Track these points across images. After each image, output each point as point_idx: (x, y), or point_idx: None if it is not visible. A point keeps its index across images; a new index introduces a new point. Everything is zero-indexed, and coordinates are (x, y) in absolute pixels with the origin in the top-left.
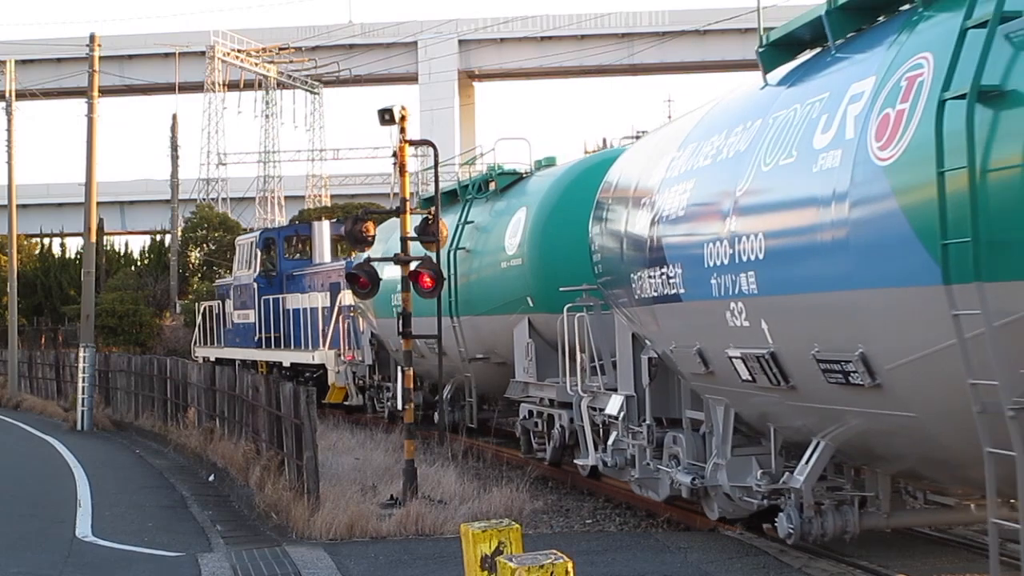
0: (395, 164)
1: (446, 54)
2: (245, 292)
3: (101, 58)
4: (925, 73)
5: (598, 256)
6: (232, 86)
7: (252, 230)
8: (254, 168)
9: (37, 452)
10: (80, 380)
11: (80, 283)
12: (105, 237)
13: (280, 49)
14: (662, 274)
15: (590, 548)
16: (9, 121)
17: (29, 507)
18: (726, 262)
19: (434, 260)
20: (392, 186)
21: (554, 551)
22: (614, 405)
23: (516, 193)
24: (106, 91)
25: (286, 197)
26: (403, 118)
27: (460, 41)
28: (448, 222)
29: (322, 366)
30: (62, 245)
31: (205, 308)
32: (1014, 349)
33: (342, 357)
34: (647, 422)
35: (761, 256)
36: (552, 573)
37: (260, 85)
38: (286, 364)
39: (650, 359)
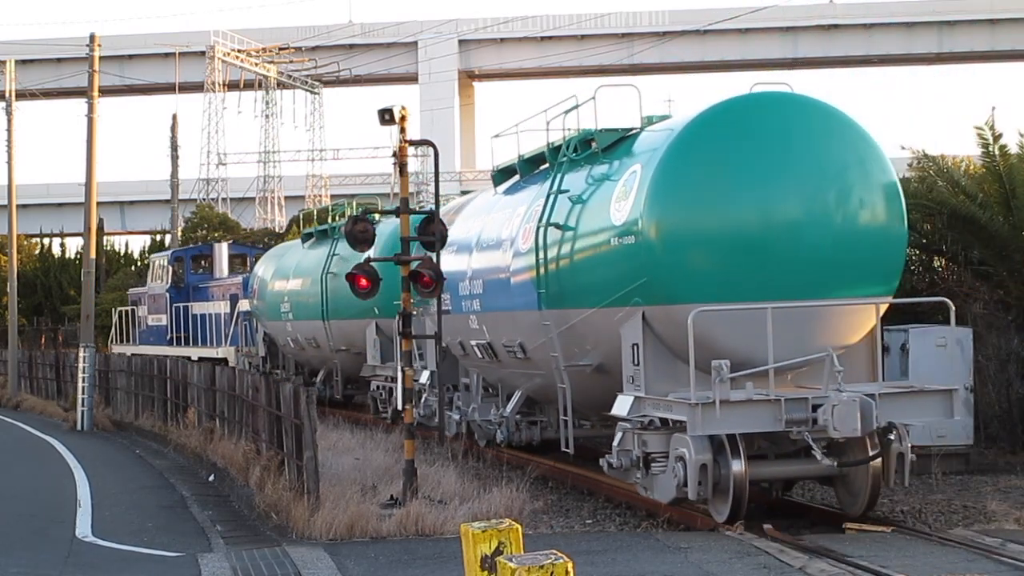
0: (395, 164)
1: (446, 54)
2: (159, 300)
3: (101, 58)
4: (540, 208)
5: None
6: (232, 86)
7: (231, 244)
8: (254, 168)
9: (37, 452)
10: (80, 380)
11: (80, 283)
12: (105, 237)
13: (280, 49)
14: (443, 298)
15: (590, 548)
16: (9, 121)
17: (29, 507)
18: (468, 293)
19: (433, 259)
20: (392, 186)
21: (554, 551)
22: (424, 377)
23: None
24: (106, 91)
25: (286, 197)
26: (403, 118)
27: (460, 41)
28: (322, 251)
29: (225, 359)
30: (62, 245)
31: (120, 311)
32: (565, 340)
33: (241, 352)
34: (443, 385)
35: (481, 292)
36: (552, 573)
37: (260, 85)
38: (194, 358)
39: (444, 348)
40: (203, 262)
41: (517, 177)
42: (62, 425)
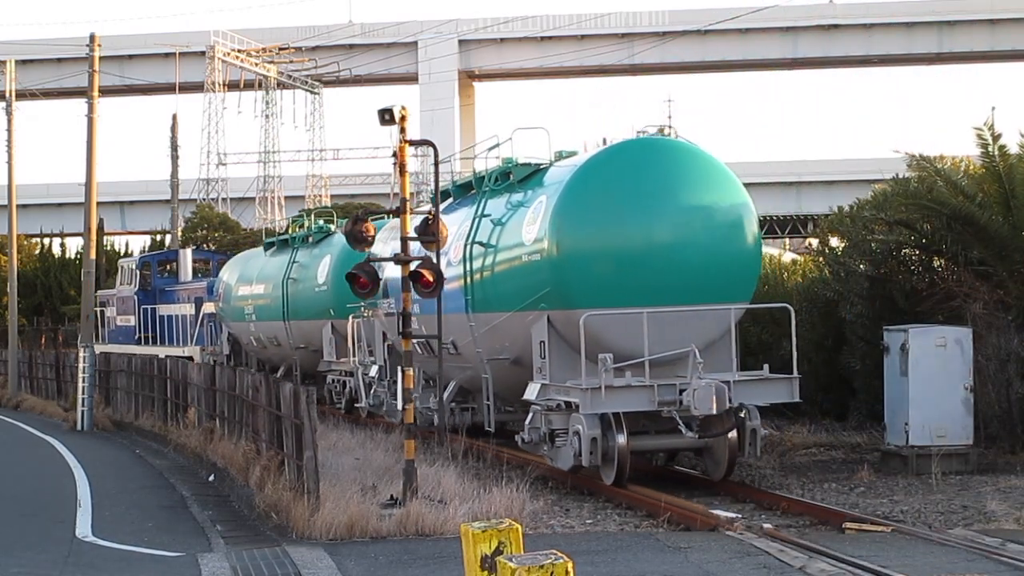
0: (395, 164)
1: (446, 54)
2: (127, 302)
3: (101, 58)
4: (468, 228)
5: None
6: (232, 86)
7: (195, 249)
8: (254, 168)
9: (37, 452)
10: (80, 380)
11: (80, 283)
12: (105, 237)
13: (280, 49)
14: (388, 302)
15: (590, 548)
16: (9, 121)
17: (29, 507)
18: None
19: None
20: (392, 186)
21: (554, 551)
22: (374, 371)
23: (324, 244)
24: (106, 91)
25: (286, 197)
26: (403, 118)
27: (460, 41)
28: (283, 259)
29: (191, 357)
30: (62, 245)
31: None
32: (488, 339)
33: (206, 351)
34: (389, 378)
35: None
36: (552, 573)
37: (260, 85)
38: (162, 356)
39: (389, 344)
40: (168, 267)
41: (451, 199)
42: (62, 425)
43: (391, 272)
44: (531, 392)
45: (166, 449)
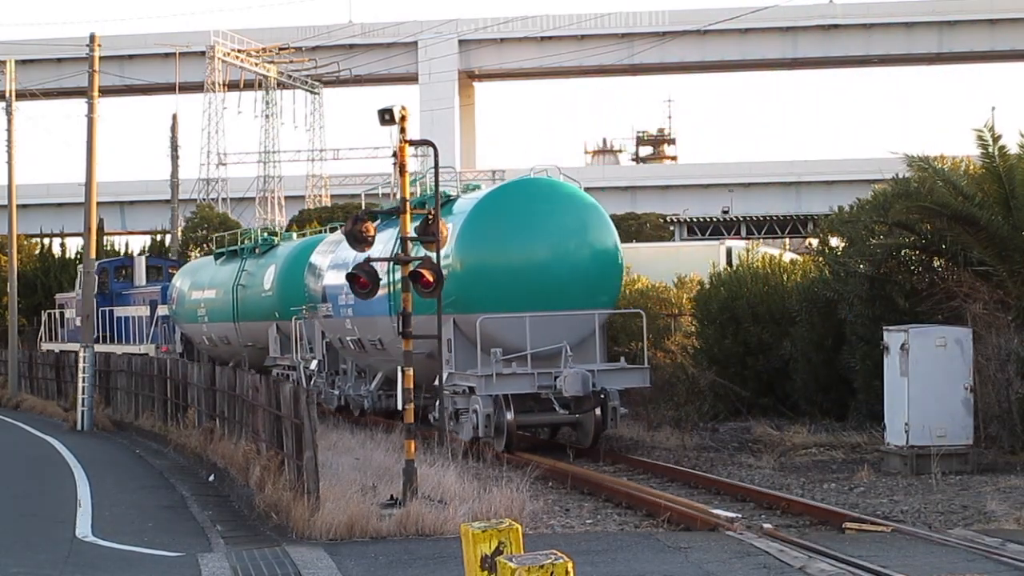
0: (395, 164)
1: (446, 54)
2: None
3: (101, 58)
4: (393, 245)
5: (307, 294)
6: (232, 86)
7: (148, 256)
8: (254, 168)
9: (37, 452)
10: (80, 380)
11: None
12: (105, 237)
13: (280, 49)
14: (326, 306)
15: (590, 548)
16: (9, 121)
17: (29, 507)
18: (345, 303)
19: (433, 260)
20: (392, 186)
21: (554, 551)
22: (314, 365)
23: (270, 255)
24: (106, 91)
25: (286, 197)
26: (403, 118)
27: (460, 41)
28: (232, 267)
29: (146, 353)
30: (62, 245)
31: (47, 314)
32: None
33: (159, 349)
34: (327, 371)
35: (354, 303)
36: (552, 573)
37: (260, 85)
38: (119, 353)
39: (327, 342)
40: (124, 272)
41: (379, 221)
42: (62, 425)
43: (330, 280)
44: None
45: (166, 449)
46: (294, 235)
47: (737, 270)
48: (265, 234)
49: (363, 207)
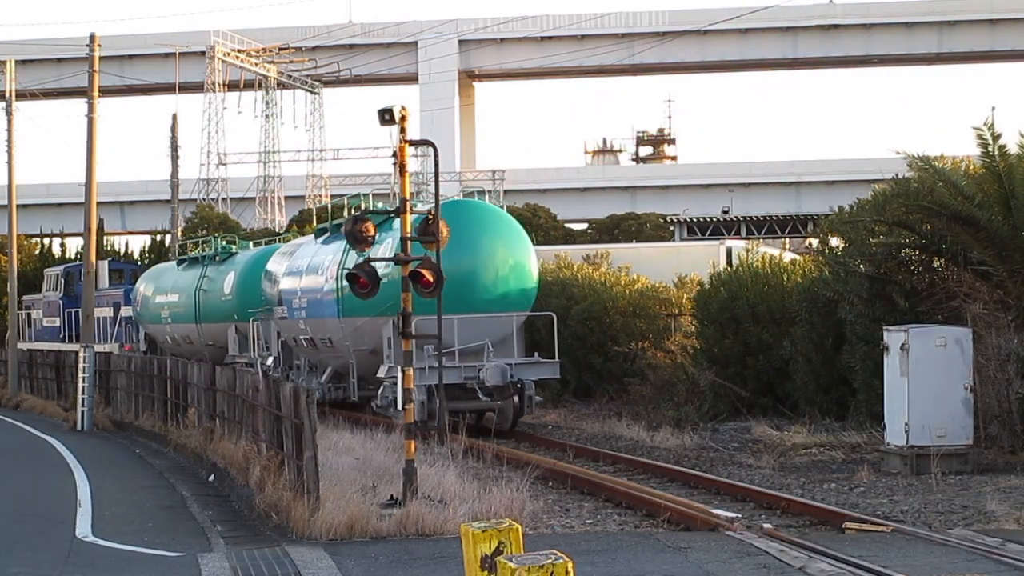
0: (395, 164)
1: (446, 54)
2: (52, 305)
3: (101, 58)
4: (340, 256)
5: (264, 298)
6: (232, 86)
7: (111, 261)
8: (254, 168)
9: (37, 452)
10: (80, 380)
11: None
12: (105, 237)
13: (280, 49)
14: (282, 308)
15: (590, 548)
16: (9, 121)
17: (29, 507)
18: (299, 306)
19: (433, 260)
20: (392, 186)
21: (554, 551)
22: (270, 361)
23: (229, 262)
24: (106, 91)
25: (286, 197)
26: (403, 118)
27: (460, 41)
28: (194, 273)
29: (111, 352)
30: (62, 245)
31: (15, 315)
32: (354, 336)
33: (122, 347)
34: (282, 366)
35: (307, 305)
36: (552, 573)
37: (260, 85)
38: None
39: (283, 341)
40: None
41: (328, 234)
42: (62, 425)
43: (285, 285)
44: (382, 372)
45: (166, 449)
46: (251, 244)
47: (737, 270)
48: (223, 243)
49: (345, 210)
